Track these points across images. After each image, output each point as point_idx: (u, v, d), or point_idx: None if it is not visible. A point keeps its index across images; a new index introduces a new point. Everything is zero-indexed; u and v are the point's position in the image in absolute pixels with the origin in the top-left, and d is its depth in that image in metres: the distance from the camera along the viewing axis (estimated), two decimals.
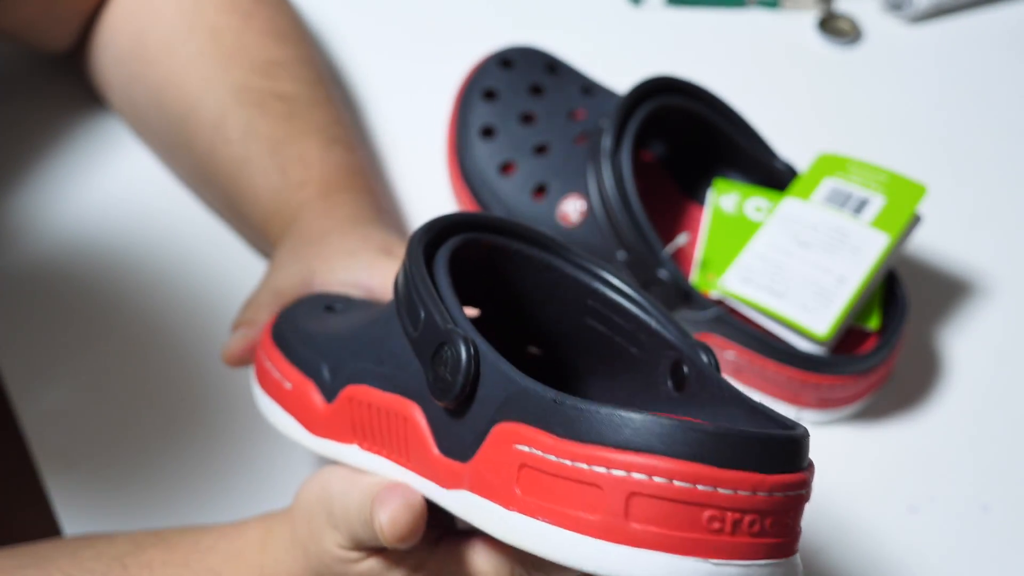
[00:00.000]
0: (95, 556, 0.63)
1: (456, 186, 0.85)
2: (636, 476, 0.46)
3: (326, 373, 0.61)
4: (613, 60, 0.94)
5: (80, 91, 0.91)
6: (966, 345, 0.82)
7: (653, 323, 0.58)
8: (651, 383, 0.58)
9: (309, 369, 0.62)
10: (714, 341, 0.77)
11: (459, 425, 0.53)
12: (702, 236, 0.80)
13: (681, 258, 0.80)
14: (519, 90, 0.84)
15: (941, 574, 0.73)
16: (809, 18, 0.99)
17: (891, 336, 0.76)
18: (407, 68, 0.95)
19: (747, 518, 0.47)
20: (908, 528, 0.75)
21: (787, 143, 0.85)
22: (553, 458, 0.48)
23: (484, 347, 0.52)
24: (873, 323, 0.77)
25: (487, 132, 0.83)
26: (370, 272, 0.71)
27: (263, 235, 0.79)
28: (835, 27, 0.98)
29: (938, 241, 0.87)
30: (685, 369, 0.56)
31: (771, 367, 0.76)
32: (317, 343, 0.63)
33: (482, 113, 0.84)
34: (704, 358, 0.56)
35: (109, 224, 0.86)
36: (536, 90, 0.85)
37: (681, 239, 0.78)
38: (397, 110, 0.93)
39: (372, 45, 0.96)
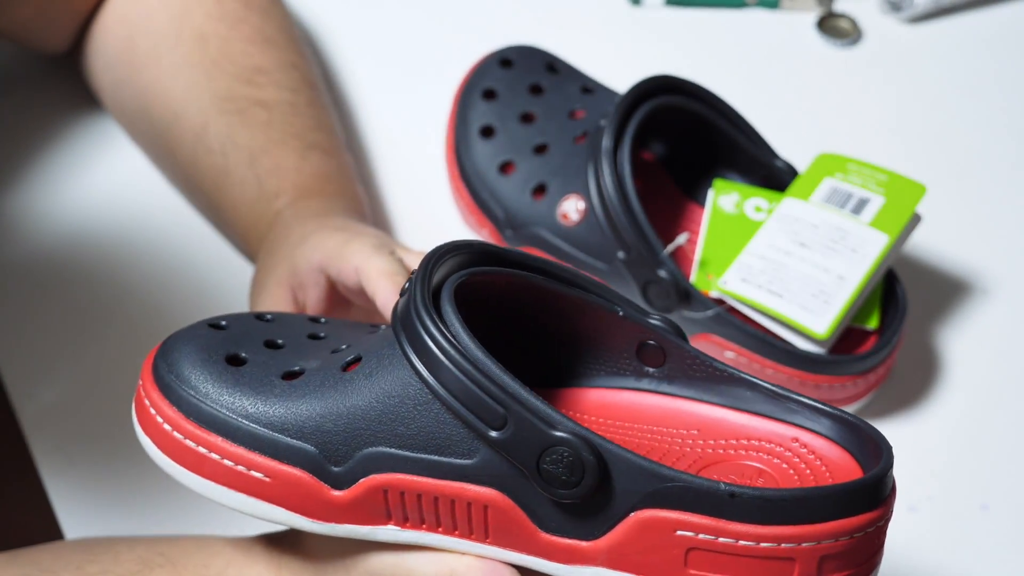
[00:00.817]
0: (100, 572, 0.62)
1: (455, 186, 0.84)
2: (825, 542, 0.54)
3: (323, 461, 0.57)
4: (613, 60, 0.94)
5: (78, 91, 0.91)
6: (965, 345, 0.82)
7: (620, 311, 0.60)
8: (619, 362, 0.61)
9: (289, 456, 0.58)
10: (714, 341, 0.77)
11: (572, 510, 0.55)
12: (702, 236, 0.80)
13: (681, 258, 0.80)
14: (519, 90, 0.84)
15: (940, 573, 0.73)
16: (809, 18, 0.99)
17: (890, 336, 0.76)
18: (406, 68, 0.95)
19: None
20: (907, 527, 0.75)
21: (787, 143, 0.85)
22: (734, 541, 0.54)
23: (606, 445, 0.54)
24: (872, 323, 0.77)
25: (487, 132, 0.83)
26: (321, 250, 0.70)
27: (246, 244, 0.79)
28: (835, 27, 0.98)
29: (938, 241, 0.87)
30: (652, 342, 0.60)
31: (771, 367, 0.76)
32: (279, 419, 0.58)
33: (482, 113, 0.84)
34: (669, 330, 0.59)
35: (108, 222, 0.86)
36: (536, 90, 0.85)
37: (681, 239, 0.78)
38: (396, 110, 0.93)
39: (371, 45, 0.96)
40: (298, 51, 0.86)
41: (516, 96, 0.84)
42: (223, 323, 0.62)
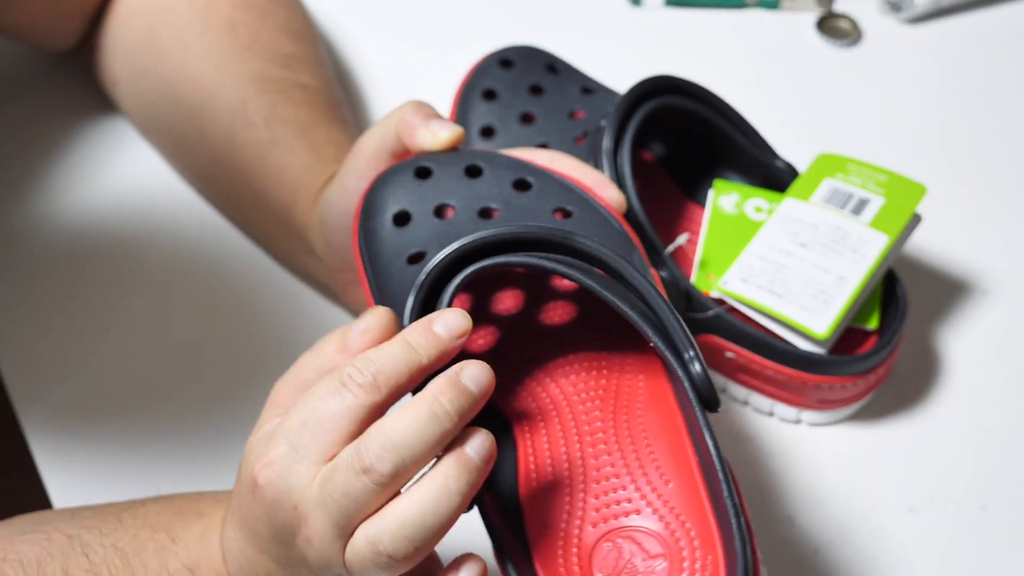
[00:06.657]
0: (93, 515, 0.64)
1: None
2: None
3: None
4: (613, 60, 0.94)
5: (84, 93, 0.91)
6: (965, 345, 0.82)
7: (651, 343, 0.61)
8: None
9: None
10: (714, 341, 0.77)
11: None
12: (702, 236, 0.80)
13: (681, 258, 0.80)
14: (519, 90, 0.84)
15: (940, 574, 0.73)
16: (809, 18, 0.99)
17: (891, 336, 0.76)
18: (406, 68, 0.95)
19: None
20: (907, 528, 0.75)
21: (787, 143, 0.85)
22: None
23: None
24: (872, 323, 0.77)
25: (487, 132, 0.83)
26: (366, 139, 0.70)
27: (286, 213, 0.78)
28: (835, 27, 0.98)
29: (938, 241, 0.87)
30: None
31: (771, 367, 0.76)
32: (384, 298, 0.64)
33: (482, 113, 0.84)
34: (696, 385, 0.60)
35: (111, 223, 0.86)
36: (536, 90, 0.85)
37: (681, 239, 0.78)
38: None
39: (371, 45, 0.96)
40: (322, 49, 0.86)
41: (516, 96, 0.84)
42: (430, 169, 0.66)
